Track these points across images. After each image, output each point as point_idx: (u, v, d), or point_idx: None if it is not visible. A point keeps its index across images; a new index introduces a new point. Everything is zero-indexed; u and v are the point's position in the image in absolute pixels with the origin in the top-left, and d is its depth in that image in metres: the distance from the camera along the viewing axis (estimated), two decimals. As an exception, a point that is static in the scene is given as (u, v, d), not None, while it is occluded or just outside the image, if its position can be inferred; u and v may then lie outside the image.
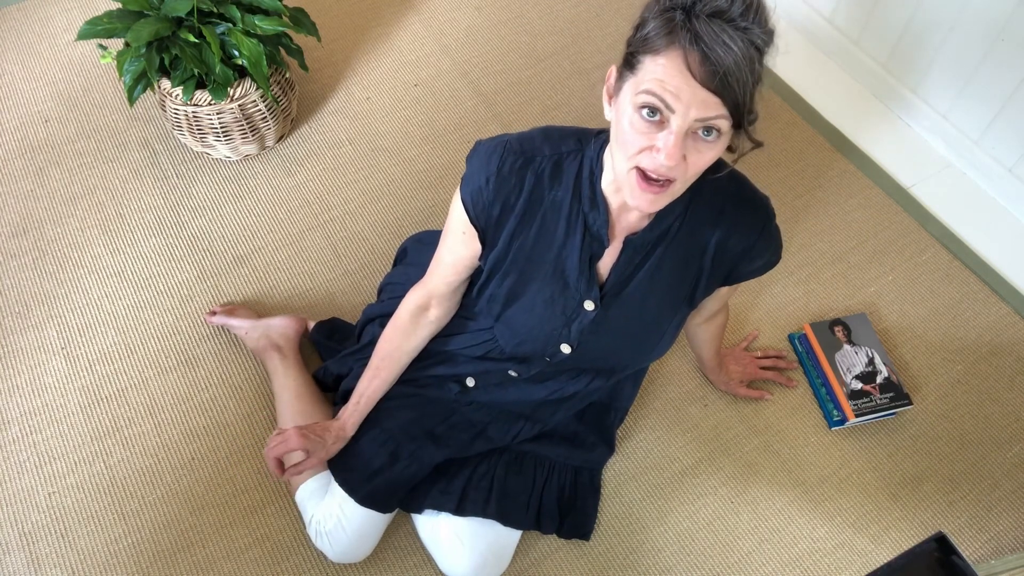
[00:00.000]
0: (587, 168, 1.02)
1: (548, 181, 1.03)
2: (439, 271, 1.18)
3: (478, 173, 1.04)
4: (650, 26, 0.84)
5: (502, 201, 1.04)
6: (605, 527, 1.42)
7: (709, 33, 0.79)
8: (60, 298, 1.61)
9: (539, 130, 1.07)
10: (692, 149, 0.86)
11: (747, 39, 0.80)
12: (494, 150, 1.04)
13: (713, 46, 0.79)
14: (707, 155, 0.87)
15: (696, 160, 0.87)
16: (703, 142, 0.86)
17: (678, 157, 0.84)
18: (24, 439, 1.45)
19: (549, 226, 1.05)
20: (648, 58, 0.84)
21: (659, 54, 0.82)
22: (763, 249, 1.09)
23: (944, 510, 1.48)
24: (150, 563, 1.34)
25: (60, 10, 2.07)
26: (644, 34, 0.84)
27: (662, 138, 0.84)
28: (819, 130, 2.00)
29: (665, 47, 0.82)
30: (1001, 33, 1.71)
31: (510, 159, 1.03)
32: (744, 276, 1.12)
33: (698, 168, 0.88)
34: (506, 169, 1.03)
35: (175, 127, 1.75)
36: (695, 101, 0.81)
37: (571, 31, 2.16)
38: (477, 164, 1.05)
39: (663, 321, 1.13)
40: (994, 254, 1.80)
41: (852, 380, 1.54)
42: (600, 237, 1.04)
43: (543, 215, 1.05)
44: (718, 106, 0.82)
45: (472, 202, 1.06)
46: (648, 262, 1.06)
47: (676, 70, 0.81)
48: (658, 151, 0.85)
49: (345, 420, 1.26)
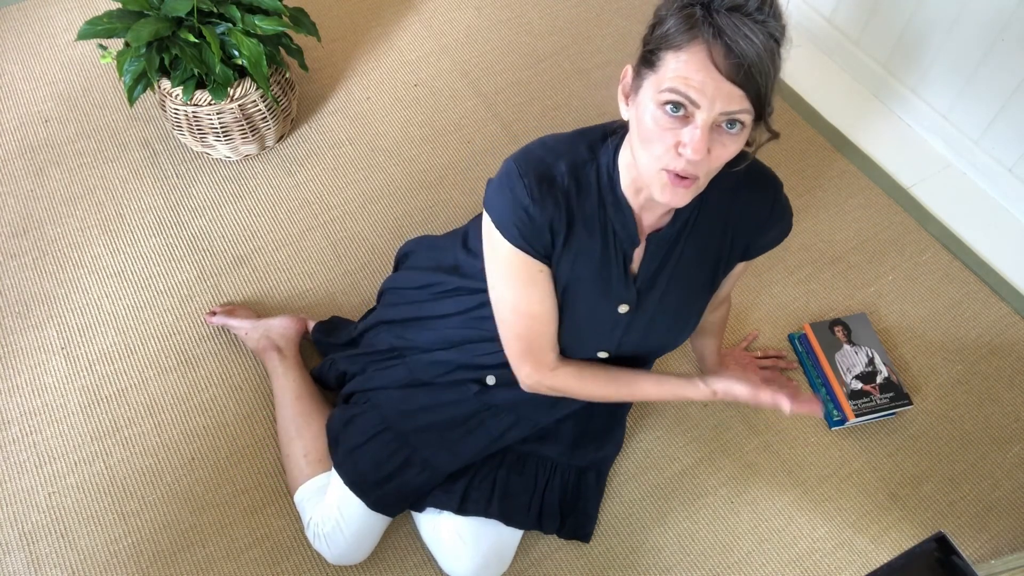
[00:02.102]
0: (605, 175, 1.01)
1: (576, 197, 1.01)
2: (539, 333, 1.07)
3: (513, 208, 0.98)
4: (670, 23, 0.84)
5: (549, 223, 1.00)
6: (605, 527, 1.42)
7: (731, 26, 0.80)
8: (60, 298, 1.61)
9: (538, 147, 1.02)
10: (716, 142, 0.86)
11: (766, 31, 0.81)
12: (514, 181, 0.98)
13: (736, 39, 0.80)
14: (731, 148, 0.87)
15: (720, 153, 0.87)
16: (727, 135, 0.86)
17: (704, 151, 0.84)
18: (24, 439, 1.45)
19: (583, 240, 1.03)
20: (669, 54, 0.84)
21: (681, 50, 0.83)
22: (777, 220, 1.10)
23: (944, 510, 1.48)
24: (150, 563, 1.34)
25: (60, 10, 2.07)
26: (664, 31, 0.84)
27: (687, 133, 0.85)
28: (819, 130, 2.00)
29: (687, 42, 0.82)
30: (1001, 33, 1.71)
31: (534, 185, 0.98)
32: (760, 249, 1.13)
33: (722, 161, 0.88)
34: (537, 194, 0.98)
35: (175, 127, 1.75)
36: (720, 95, 0.82)
37: (571, 31, 2.16)
38: (504, 202, 0.99)
39: (691, 307, 1.14)
40: (994, 254, 1.80)
41: (852, 380, 1.54)
42: (631, 236, 1.03)
43: (578, 231, 1.02)
44: (742, 99, 0.83)
45: (524, 236, 0.99)
46: (673, 255, 1.07)
47: (700, 64, 0.81)
48: (684, 146, 0.85)
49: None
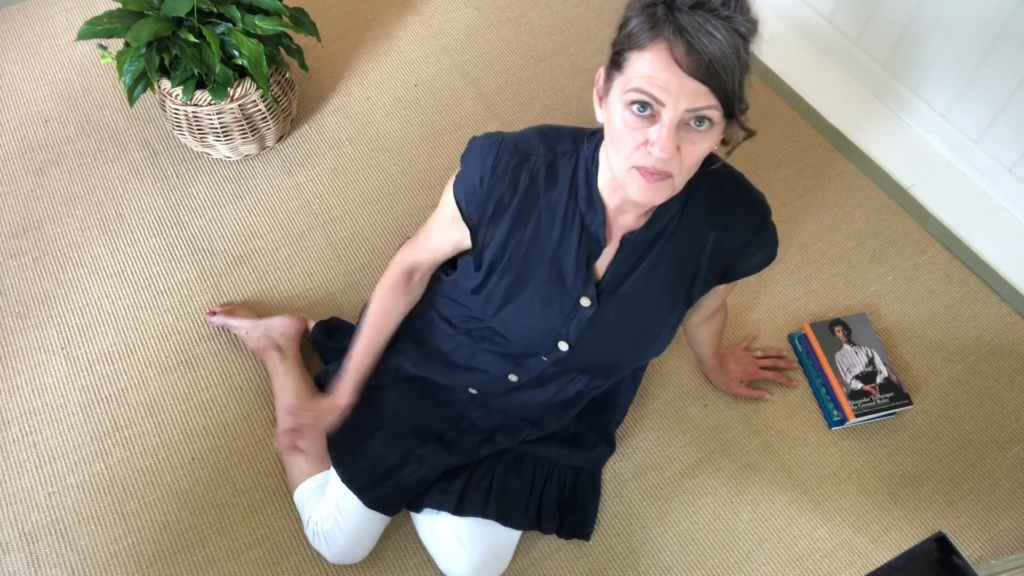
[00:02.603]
0: (583, 168, 1.02)
1: (543, 181, 1.03)
2: (428, 246, 1.20)
3: (473, 171, 1.05)
4: (633, 23, 0.84)
5: (496, 200, 1.05)
6: (605, 527, 1.42)
7: (692, 24, 0.80)
8: (60, 298, 1.61)
9: (534, 129, 1.07)
10: (686, 140, 0.86)
11: (730, 27, 0.80)
12: (489, 149, 1.04)
13: (697, 35, 0.80)
14: (701, 146, 0.87)
15: (691, 151, 0.87)
16: (696, 132, 0.86)
17: (672, 149, 0.85)
18: (24, 439, 1.45)
19: (544, 227, 1.06)
20: (634, 54, 0.84)
21: (644, 49, 0.83)
22: (760, 246, 1.10)
23: (944, 510, 1.48)
24: (150, 563, 1.34)
25: (60, 10, 2.07)
26: (628, 31, 0.85)
27: (655, 131, 0.85)
28: (819, 130, 2.00)
29: (650, 41, 0.82)
30: (1001, 33, 1.71)
31: (504, 158, 1.03)
32: (741, 273, 1.13)
33: (694, 159, 0.88)
34: (500, 168, 1.03)
35: (175, 127, 1.75)
36: (684, 92, 0.82)
37: (571, 31, 2.16)
38: (472, 162, 1.05)
39: (660, 319, 1.13)
40: (994, 254, 1.80)
41: (852, 380, 1.54)
42: (598, 237, 1.04)
43: (538, 216, 1.05)
44: (708, 96, 0.82)
45: (465, 199, 1.07)
46: (645, 261, 1.07)
47: (663, 63, 0.82)
48: (652, 144, 0.85)
49: (337, 390, 1.26)
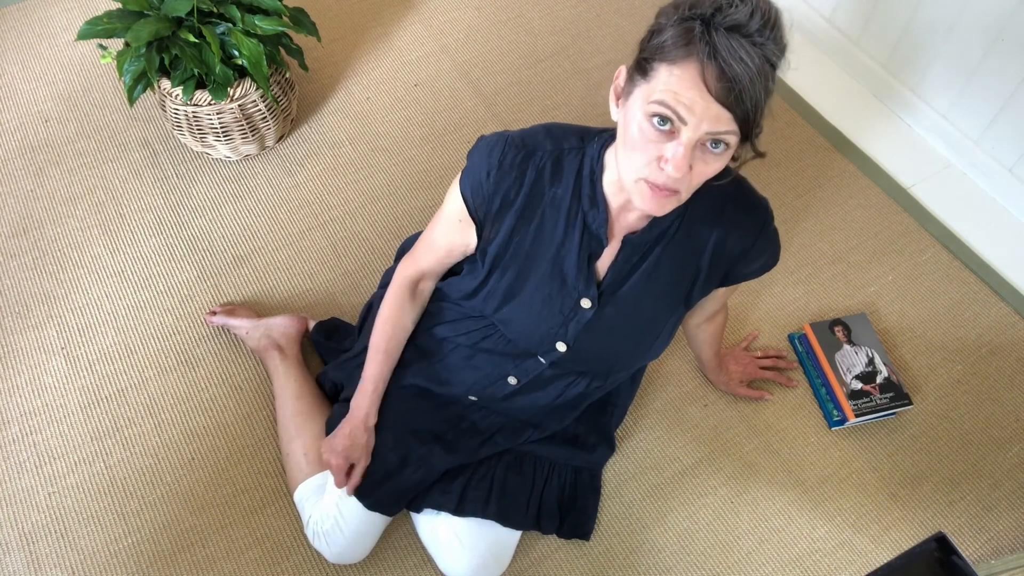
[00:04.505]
0: (588, 166, 1.02)
1: (549, 177, 1.04)
2: (432, 252, 1.20)
3: (479, 166, 1.05)
4: (667, 34, 0.83)
5: (502, 195, 1.05)
6: (605, 527, 1.42)
7: (727, 47, 0.78)
8: (60, 298, 1.61)
9: (542, 126, 1.07)
10: (699, 160, 0.86)
11: (763, 55, 0.79)
12: (496, 144, 1.05)
13: (731, 61, 0.78)
14: (713, 166, 0.87)
15: (702, 170, 0.87)
16: (710, 154, 0.85)
17: (685, 169, 0.84)
18: (24, 439, 1.45)
19: (548, 224, 1.06)
20: (663, 66, 0.83)
21: (675, 64, 0.82)
22: (761, 251, 1.09)
23: (944, 510, 1.48)
24: (150, 563, 1.34)
25: (60, 10, 2.07)
26: (661, 41, 0.83)
27: (671, 148, 0.84)
28: (819, 130, 2.00)
29: (682, 58, 0.81)
30: (1001, 33, 1.71)
31: (511, 153, 1.04)
32: (741, 277, 1.12)
33: (704, 177, 0.88)
34: (507, 163, 1.04)
35: (175, 127, 1.75)
36: (708, 115, 0.81)
37: (571, 31, 2.16)
38: (479, 157, 1.06)
39: (659, 321, 1.13)
40: (994, 254, 1.80)
41: (852, 380, 1.54)
42: (599, 236, 1.04)
43: (542, 212, 1.05)
44: (729, 121, 0.81)
45: (472, 195, 1.07)
46: (646, 262, 1.07)
47: (691, 82, 0.80)
48: (666, 161, 0.85)
49: (366, 411, 1.25)
